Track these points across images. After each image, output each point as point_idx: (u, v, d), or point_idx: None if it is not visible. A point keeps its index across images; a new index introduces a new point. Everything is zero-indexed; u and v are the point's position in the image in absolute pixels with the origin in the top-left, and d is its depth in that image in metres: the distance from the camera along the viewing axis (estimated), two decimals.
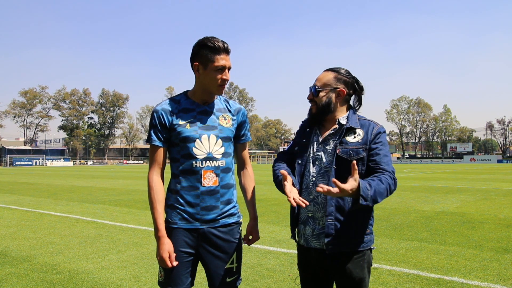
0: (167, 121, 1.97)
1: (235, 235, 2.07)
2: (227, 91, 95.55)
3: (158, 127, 1.98)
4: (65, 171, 36.82)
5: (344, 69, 2.05)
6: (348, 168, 1.88)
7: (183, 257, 1.96)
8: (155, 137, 1.99)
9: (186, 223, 1.97)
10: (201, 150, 1.97)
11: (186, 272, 1.97)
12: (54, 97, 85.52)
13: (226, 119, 2.07)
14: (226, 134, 2.04)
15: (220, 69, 1.93)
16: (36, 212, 9.07)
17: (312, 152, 2.02)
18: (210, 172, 1.97)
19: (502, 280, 3.94)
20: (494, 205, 9.47)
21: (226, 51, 1.94)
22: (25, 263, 4.70)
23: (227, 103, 2.12)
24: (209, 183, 1.97)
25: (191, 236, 1.97)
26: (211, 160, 1.98)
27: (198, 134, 1.97)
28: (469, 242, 5.55)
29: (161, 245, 1.91)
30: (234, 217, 2.08)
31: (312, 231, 1.95)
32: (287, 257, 4.84)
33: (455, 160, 71.68)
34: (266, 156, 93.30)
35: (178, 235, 1.97)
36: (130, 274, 4.26)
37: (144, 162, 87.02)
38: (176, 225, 1.98)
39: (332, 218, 1.87)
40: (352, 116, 2.02)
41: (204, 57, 1.94)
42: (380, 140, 1.94)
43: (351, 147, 1.92)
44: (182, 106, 2.02)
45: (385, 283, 3.89)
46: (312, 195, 1.96)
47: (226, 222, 2.03)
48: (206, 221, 1.98)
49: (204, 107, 2.03)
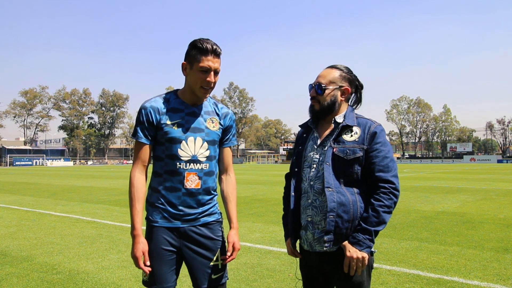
0: (155, 119, 1.95)
1: (217, 233, 2.06)
2: (227, 91, 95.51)
3: (145, 124, 1.96)
4: (65, 171, 36.81)
5: (345, 66, 2.02)
6: (344, 168, 1.88)
7: (166, 255, 1.95)
8: (141, 134, 1.97)
9: (167, 222, 1.97)
10: (186, 152, 1.96)
11: (171, 270, 1.97)
12: (54, 97, 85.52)
13: (213, 122, 2.06)
14: (212, 138, 2.03)
15: (205, 71, 1.91)
16: (36, 212, 9.07)
17: (308, 157, 1.99)
18: (193, 175, 1.97)
19: (502, 280, 3.94)
20: (494, 205, 9.47)
21: (214, 53, 1.91)
22: (25, 263, 4.70)
23: (215, 106, 2.11)
24: (191, 185, 1.97)
25: (172, 235, 1.97)
26: (195, 163, 1.97)
27: (185, 136, 1.96)
28: (469, 242, 5.55)
29: (136, 244, 1.90)
30: (215, 216, 2.08)
31: (313, 236, 1.92)
32: (287, 257, 4.84)
33: (455, 160, 71.66)
34: (266, 156, 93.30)
35: (159, 234, 1.96)
36: (130, 274, 4.26)
37: None
38: (157, 224, 1.97)
39: (333, 215, 1.83)
40: (350, 114, 1.98)
41: (192, 57, 1.93)
42: (380, 140, 1.89)
43: (348, 146, 1.89)
44: (171, 105, 2.00)
45: (385, 283, 3.89)
46: (310, 199, 1.94)
47: (206, 220, 2.03)
48: (186, 220, 1.98)
49: (193, 109, 2.02)
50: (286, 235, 2.12)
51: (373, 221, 1.80)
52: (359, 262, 1.80)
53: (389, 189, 1.83)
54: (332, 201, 1.84)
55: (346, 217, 1.84)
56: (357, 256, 1.79)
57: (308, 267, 2.03)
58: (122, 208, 9.59)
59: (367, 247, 1.81)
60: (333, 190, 1.85)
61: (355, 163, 1.87)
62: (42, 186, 17.02)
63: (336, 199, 1.84)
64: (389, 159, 1.88)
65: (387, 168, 1.85)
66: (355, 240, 1.81)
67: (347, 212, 1.84)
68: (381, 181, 1.84)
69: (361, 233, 1.81)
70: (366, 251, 1.81)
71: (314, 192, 1.92)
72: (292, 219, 2.03)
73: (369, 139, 1.89)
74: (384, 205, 1.81)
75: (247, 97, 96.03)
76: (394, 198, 1.83)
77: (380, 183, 1.84)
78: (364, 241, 1.80)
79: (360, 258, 1.79)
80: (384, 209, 1.81)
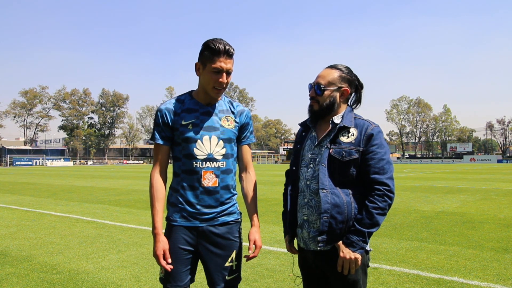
0: (170, 120, 2.00)
1: (234, 234, 2.07)
2: (227, 91, 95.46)
3: (162, 126, 2.01)
4: (65, 171, 36.81)
5: (345, 66, 2.01)
6: (340, 169, 1.88)
7: (182, 255, 1.98)
8: (158, 136, 2.02)
9: (186, 221, 1.99)
10: (201, 151, 1.98)
11: (186, 270, 1.99)
12: (54, 97, 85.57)
13: (228, 120, 2.07)
14: (227, 136, 2.04)
15: (217, 72, 1.93)
16: (36, 212, 9.07)
17: (306, 156, 2.00)
18: (210, 173, 1.99)
19: (502, 280, 3.94)
20: (494, 205, 9.47)
21: (227, 53, 1.93)
22: (25, 263, 4.70)
23: (231, 105, 2.13)
24: (208, 184, 1.99)
25: (190, 234, 1.99)
26: (211, 161, 1.99)
27: (200, 134, 1.99)
28: (469, 242, 5.55)
29: (157, 242, 1.94)
30: (234, 216, 2.09)
31: (308, 234, 1.94)
32: (287, 257, 4.84)
33: (455, 160, 71.68)
34: (266, 156, 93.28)
35: (178, 233, 1.99)
36: (130, 274, 4.26)
37: (144, 162, 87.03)
38: (176, 223, 2.00)
39: (327, 216, 1.84)
40: (348, 114, 1.97)
41: (205, 58, 1.95)
42: (376, 142, 1.88)
43: (344, 147, 1.88)
44: (186, 106, 2.04)
45: (385, 283, 3.89)
46: (306, 198, 1.95)
47: (225, 220, 2.04)
48: (205, 219, 2.00)
49: (207, 108, 2.05)
50: (285, 231, 2.15)
51: (367, 223, 1.82)
52: (352, 263, 1.82)
53: (383, 192, 1.83)
54: (326, 202, 1.85)
55: (340, 218, 1.85)
56: (350, 257, 1.81)
57: (306, 264, 2.05)
58: (122, 208, 9.59)
59: (360, 248, 1.83)
60: (327, 191, 1.86)
61: (351, 165, 1.87)
62: (42, 186, 17.02)
63: (330, 201, 1.85)
64: (385, 161, 1.87)
65: (383, 170, 1.85)
66: (348, 241, 1.83)
67: (341, 213, 1.85)
68: (376, 183, 1.84)
69: (355, 235, 1.82)
70: (359, 252, 1.83)
71: (310, 191, 1.94)
72: (289, 217, 2.06)
73: (365, 141, 1.88)
74: (378, 207, 1.82)
75: (247, 97, 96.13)
76: (388, 201, 1.84)
77: (375, 185, 1.84)
78: (358, 242, 1.82)
79: (353, 259, 1.81)
80: (378, 211, 1.82)
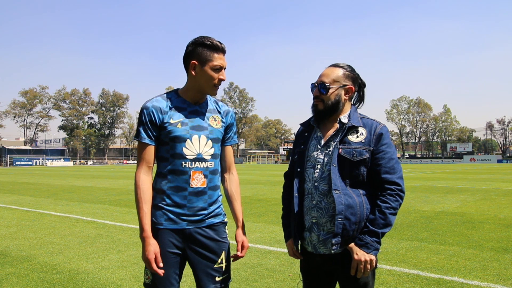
0: (158, 119, 1.92)
1: (222, 235, 2.04)
2: (227, 91, 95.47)
3: (148, 125, 1.92)
4: (65, 171, 36.79)
5: (348, 64, 1.99)
6: (350, 169, 1.85)
7: (170, 258, 1.92)
8: (144, 135, 1.93)
9: (172, 223, 1.93)
10: (191, 151, 1.94)
11: (175, 274, 1.93)
12: (54, 97, 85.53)
13: (216, 120, 2.04)
14: (215, 135, 2.02)
15: (218, 69, 1.92)
16: (36, 212, 9.07)
17: (312, 157, 1.95)
18: (199, 173, 1.95)
19: (502, 280, 3.94)
20: (494, 205, 9.47)
21: (223, 51, 1.94)
22: (25, 263, 4.70)
23: (216, 104, 2.10)
24: (197, 184, 1.94)
25: (177, 237, 1.93)
26: (200, 161, 1.95)
27: (189, 134, 1.94)
28: (469, 242, 5.55)
29: (147, 246, 1.84)
30: (220, 217, 2.05)
31: (318, 238, 1.89)
32: (287, 257, 4.84)
33: (455, 160, 71.64)
34: (266, 156, 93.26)
35: (164, 236, 1.92)
36: (130, 274, 4.26)
37: None
38: (162, 226, 1.93)
39: (341, 217, 1.80)
40: (354, 114, 1.94)
41: (203, 56, 1.91)
42: (386, 142, 1.87)
43: (354, 147, 1.85)
44: (173, 104, 1.97)
45: (385, 283, 3.89)
46: (315, 200, 1.90)
47: (212, 222, 2.00)
48: (192, 221, 1.95)
49: (195, 107, 2.01)
50: (287, 236, 2.09)
51: (380, 223, 1.79)
52: (367, 264, 1.78)
53: (395, 191, 1.82)
54: (340, 203, 1.80)
55: (353, 219, 1.82)
56: (365, 259, 1.78)
57: (310, 268, 2.01)
58: (122, 208, 9.59)
59: (375, 249, 1.79)
60: (340, 192, 1.82)
61: (361, 165, 1.85)
62: (42, 186, 17.02)
63: (344, 202, 1.81)
64: (395, 160, 1.87)
65: (393, 170, 1.84)
66: (362, 242, 1.80)
67: (355, 214, 1.82)
68: (388, 182, 1.83)
69: (368, 235, 1.80)
70: (374, 254, 1.79)
71: (319, 193, 1.89)
72: (295, 220, 1.98)
73: (375, 141, 1.87)
74: (390, 207, 1.80)
75: (247, 97, 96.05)
76: (400, 200, 1.83)
77: (386, 185, 1.83)
78: (372, 243, 1.79)
79: (368, 261, 1.78)
80: (390, 211, 1.80)
